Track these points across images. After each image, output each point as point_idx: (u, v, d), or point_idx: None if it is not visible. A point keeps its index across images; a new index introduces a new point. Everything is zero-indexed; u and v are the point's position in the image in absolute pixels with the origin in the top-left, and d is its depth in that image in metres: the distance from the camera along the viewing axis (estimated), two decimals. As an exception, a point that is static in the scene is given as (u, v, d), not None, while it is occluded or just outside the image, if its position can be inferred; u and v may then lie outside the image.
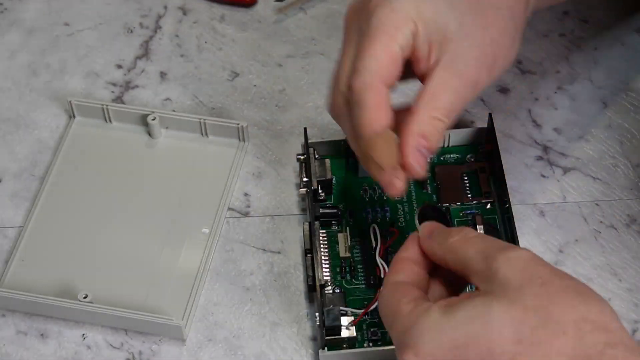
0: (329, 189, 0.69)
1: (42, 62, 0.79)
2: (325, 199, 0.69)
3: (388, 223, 0.67)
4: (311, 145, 0.69)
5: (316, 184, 0.68)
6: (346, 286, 0.65)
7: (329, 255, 0.66)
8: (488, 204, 0.68)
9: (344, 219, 0.68)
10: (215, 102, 0.76)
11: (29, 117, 0.76)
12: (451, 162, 0.70)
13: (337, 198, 0.69)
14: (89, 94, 0.77)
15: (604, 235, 0.68)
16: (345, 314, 0.63)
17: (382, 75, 0.56)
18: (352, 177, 0.70)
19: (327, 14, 0.81)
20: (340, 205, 0.69)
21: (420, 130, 0.56)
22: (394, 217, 0.68)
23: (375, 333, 0.63)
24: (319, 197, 0.68)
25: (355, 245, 0.67)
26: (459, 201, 0.68)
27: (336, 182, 0.70)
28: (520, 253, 0.50)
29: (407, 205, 0.68)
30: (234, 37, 0.80)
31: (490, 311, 0.48)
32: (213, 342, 0.64)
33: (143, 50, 0.80)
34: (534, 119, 0.74)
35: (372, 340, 0.62)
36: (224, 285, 0.67)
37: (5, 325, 0.66)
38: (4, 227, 0.70)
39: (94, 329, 0.65)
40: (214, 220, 0.69)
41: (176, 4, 0.82)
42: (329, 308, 0.62)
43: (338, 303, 0.63)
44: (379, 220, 0.68)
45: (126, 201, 0.70)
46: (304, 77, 0.77)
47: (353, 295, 0.65)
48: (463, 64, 0.56)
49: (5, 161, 0.74)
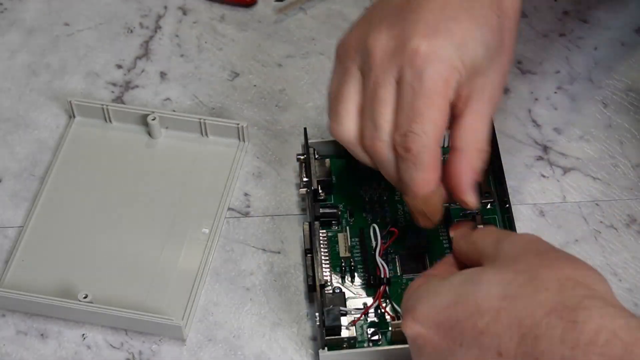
0: (329, 188, 0.69)
1: (42, 62, 0.79)
2: (326, 198, 0.69)
3: (388, 223, 0.67)
4: (311, 145, 0.69)
5: (316, 184, 0.68)
6: (346, 286, 0.65)
7: (329, 255, 0.66)
8: (488, 204, 0.68)
9: (344, 219, 0.68)
10: (215, 102, 0.76)
11: (29, 117, 0.76)
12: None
13: (337, 198, 0.69)
14: (89, 94, 0.77)
15: (604, 235, 0.68)
16: (345, 314, 0.63)
17: (438, 138, 0.58)
18: (352, 177, 0.70)
19: (327, 14, 0.81)
20: (340, 205, 0.69)
21: (472, 166, 0.59)
22: (394, 217, 0.68)
23: (376, 333, 0.63)
24: (319, 197, 0.68)
25: (355, 245, 0.67)
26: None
27: (336, 181, 0.70)
28: (525, 235, 0.53)
29: (406, 206, 0.68)
30: (234, 37, 0.80)
31: (482, 274, 0.51)
32: (213, 342, 0.64)
33: (143, 50, 0.80)
34: (534, 119, 0.74)
35: (372, 341, 0.62)
36: (224, 285, 0.67)
37: (5, 325, 0.66)
38: (3, 227, 0.70)
39: (94, 329, 0.65)
40: (214, 220, 0.69)
41: (176, 4, 0.82)
42: (329, 308, 0.62)
43: (338, 303, 0.63)
44: (378, 220, 0.68)
45: (126, 201, 0.70)
46: (304, 77, 0.77)
47: (353, 295, 0.65)
48: (492, 92, 0.59)
49: (5, 161, 0.74)
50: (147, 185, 0.71)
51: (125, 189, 0.71)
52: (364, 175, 0.69)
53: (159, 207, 0.70)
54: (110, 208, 0.70)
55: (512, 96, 0.75)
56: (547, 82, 0.76)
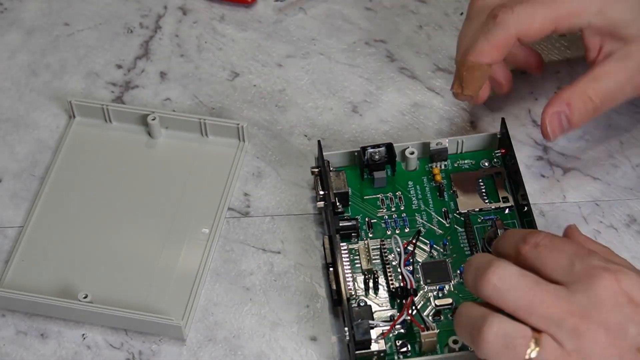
0: (346, 201, 0.68)
1: (42, 62, 0.79)
2: (343, 211, 0.68)
3: (408, 233, 0.67)
4: (326, 158, 0.68)
5: (333, 197, 0.66)
6: (370, 298, 0.64)
7: (351, 268, 0.66)
8: (507, 208, 0.68)
9: (363, 231, 0.67)
10: (215, 102, 0.76)
11: (29, 117, 0.76)
12: (465, 168, 0.70)
13: (354, 210, 0.68)
14: (89, 94, 0.77)
15: (604, 235, 0.68)
16: (374, 327, 0.61)
17: (522, 32, 0.63)
18: (368, 188, 0.69)
19: (327, 14, 0.81)
20: (358, 216, 0.68)
21: (569, 98, 0.62)
22: (413, 226, 0.67)
23: (405, 345, 0.62)
24: (337, 210, 0.67)
25: (376, 256, 0.66)
26: (478, 207, 0.68)
27: (352, 193, 0.69)
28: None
29: (424, 214, 0.68)
30: (234, 37, 0.80)
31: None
32: (213, 342, 0.64)
33: (143, 50, 0.80)
34: (534, 119, 0.74)
35: (402, 353, 0.62)
36: (224, 285, 0.67)
37: (5, 325, 0.66)
38: (3, 227, 0.70)
39: (94, 329, 0.65)
40: (213, 220, 0.69)
41: (176, 4, 0.82)
42: (357, 322, 0.60)
43: (366, 316, 0.61)
44: (397, 231, 0.67)
45: (126, 201, 0.70)
46: (304, 77, 0.77)
47: (378, 307, 0.64)
48: (635, 64, 0.62)
49: (5, 161, 0.74)
50: (147, 185, 0.71)
51: (125, 188, 0.71)
52: (380, 185, 0.69)
53: (158, 207, 0.70)
54: (110, 208, 0.70)
55: (512, 96, 0.75)
56: (547, 82, 0.76)
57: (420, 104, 0.75)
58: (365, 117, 0.75)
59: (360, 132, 0.74)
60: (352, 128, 0.74)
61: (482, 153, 0.71)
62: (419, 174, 0.70)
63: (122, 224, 0.69)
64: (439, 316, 0.63)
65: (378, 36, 0.79)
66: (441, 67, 0.77)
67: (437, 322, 0.63)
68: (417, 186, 0.69)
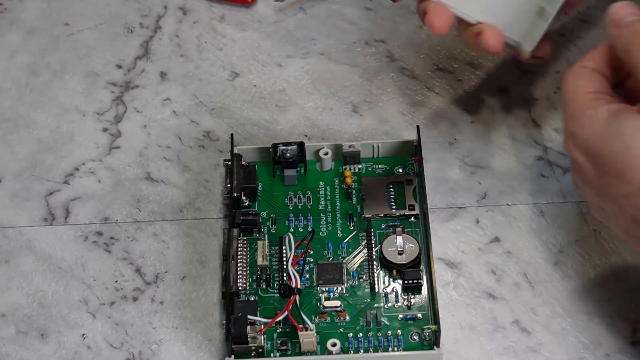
0: (254, 195, 0.68)
1: (42, 62, 0.79)
2: (250, 205, 0.68)
3: (310, 232, 0.67)
4: (239, 151, 0.69)
5: (239, 190, 0.67)
6: (261, 294, 0.64)
7: (248, 262, 0.66)
8: (412, 216, 0.67)
9: (266, 227, 0.67)
10: (215, 102, 0.76)
11: (29, 117, 0.76)
12: (379, 173, 0.70)
13: (262, 205, 0.69)
14: (89, 94, 0.77)
15: (604, 235, 0.68)
16: (254, 322, 0.62)
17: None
18: (278, 185, 0.69)
19: (327, 14, 0.81)
20: (264, 212, 0.68)
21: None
22: (317, 226, 0.67)
23: (285, 343, 0.62)
24: (241, 203, 0.67)
25: (274, 253, 0.66)
26: (383, 213, 0.67)
27: (262, 189, 0.69)
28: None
29: (330, 215, 0.68)
30: (234, 37, 0.80)
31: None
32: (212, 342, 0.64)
33: (143, 50, 0.80)
34: (534, 119, 0.74)
35: (281, 350, 0.62)
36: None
37: (5, 325, 0.66)
38: (3, 227, 0.70)
39: (94, 329, 0.65)
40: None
41: (176, 4, 0.82)
42: (236, 316, 0.61)
43: (248, 312, 0.62)
44: (300, 229, 0.67)
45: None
46: (304, 77, 0.77)
47: (267, 304, 0.64)
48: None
49: (5, 161, 0.74)
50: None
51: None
52: (290, 183, 0.69)
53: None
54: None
55: (512, 96, 0.75)
56: (547, 82, 0.76)
57: (420, 104, 0.75)
58: (365, 117, 0.75)
59: (360, 132, 0.74)
60: (352, 128, 0.74)
61: (398, 160, 0.70)
62: (332, 175, 0.70)
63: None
64: (325, 317, 0.63)
65: (378, 36, 0.79)
66: (441, 67, 0.77)
67: (322, 323, 0.63)
68: (327, 187, 0.69)
